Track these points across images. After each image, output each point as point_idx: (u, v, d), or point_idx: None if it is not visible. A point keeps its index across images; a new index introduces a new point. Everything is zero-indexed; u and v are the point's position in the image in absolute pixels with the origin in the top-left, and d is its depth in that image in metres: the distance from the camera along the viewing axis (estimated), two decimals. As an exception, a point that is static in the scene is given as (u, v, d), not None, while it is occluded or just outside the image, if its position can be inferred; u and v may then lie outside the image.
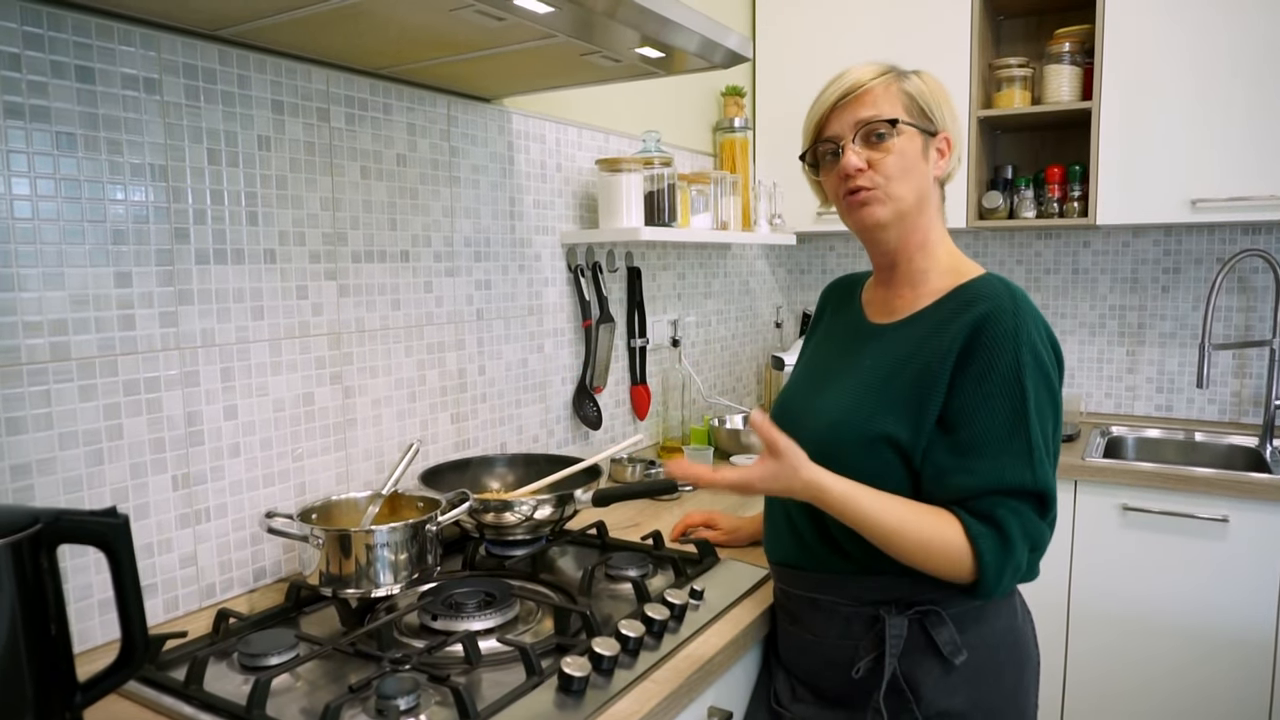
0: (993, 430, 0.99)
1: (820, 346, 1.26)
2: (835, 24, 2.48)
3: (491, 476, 1.59)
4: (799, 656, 1.16)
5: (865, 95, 1.07)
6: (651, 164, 1.84)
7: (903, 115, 1.07)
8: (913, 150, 1.08)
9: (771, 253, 2.88)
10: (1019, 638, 1.11)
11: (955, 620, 1.05)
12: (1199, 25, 2.07)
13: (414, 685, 0.93)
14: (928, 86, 1.11)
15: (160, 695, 0.97)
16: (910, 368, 1.05)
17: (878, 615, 1.06)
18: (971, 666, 1.05)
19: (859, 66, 1.10)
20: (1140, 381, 2.55)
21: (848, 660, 1.08)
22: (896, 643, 1.04)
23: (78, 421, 1.07)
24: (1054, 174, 2.39)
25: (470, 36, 1.19)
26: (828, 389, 1.14)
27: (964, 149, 1.14)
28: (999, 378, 0.99)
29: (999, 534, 0.98)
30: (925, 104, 1.09)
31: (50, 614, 0.78)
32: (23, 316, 1.02)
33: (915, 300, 1.12)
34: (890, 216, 1.09)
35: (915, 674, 1.05)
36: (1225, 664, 1.95)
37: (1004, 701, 1.08)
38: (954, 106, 1.13)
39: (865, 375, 1.09)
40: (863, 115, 1.07)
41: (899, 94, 1.08)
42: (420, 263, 1.54)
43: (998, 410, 0.99)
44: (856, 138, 1.08)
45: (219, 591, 1.25)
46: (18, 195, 1.01)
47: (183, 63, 1.16)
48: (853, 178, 1.08)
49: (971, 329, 1.01)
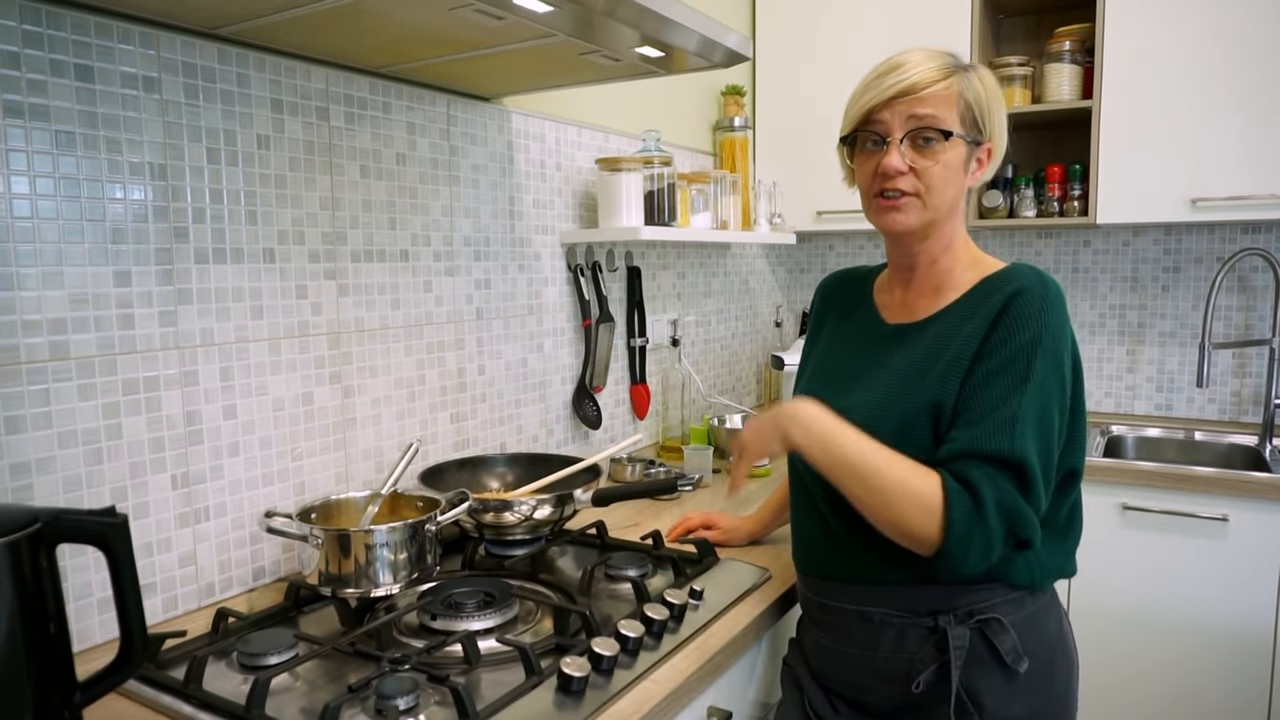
0: (988, 399, 0.97)
1: (833, 348, 1.21)
2: (835, 23, 2.48)
3: (491, 476, 1.59)
4: (840, 671, 1.11)
5: (929, 95, 1.02)
6: (651, 163, 1.84)
7: (957, 126, 1.03)
8: (957, 162, 1.05)
9: (771, 252, 2.88)
10: (1066, 643, 1.09)
11: (1017, 624, 1.02)
12: (1199, 24, 2.07)
13: (413, 685, 0.93)
14: (985, 91, 1.05)
15: (159, 694, 0.97)
16: (944, 358, 1.02)
17: (936, 625, 1.02)
18: (1029, 673, 1.02)
19: (922, 58, 1.04)
20: (1140, 381, 2.55)
21: (903, 674, 1.04)
22: (960, 653, 1.00)
23: (77, 421, 1.07)
24: (1054, 173, 2.39)
25: (470, 35, 1.19)
26: (853, 392, 1.10)
27: (1001, 156, 1.11)
28: (1011, 351, 0.98)
29: (972, 496, 0.95)
30: (980, 112, 1.05)
31: (50, 613, 0.78)
32: (22, 315, 1.01)
33: (939, 299, 1.10)
34: (919, 225, 1.06)
35: (976, 685, 1.01)
36: (1225, 663, 1.95)
37: (1059, 705, 1.06)
38: (1004, 111, 1.09)
39: (895, 375, 1.06)
40: (919, 113, 1.02)
41: (958, 100, 1.03)
42: (420, 262, 1.53)
43: (1000, 380, 0.98)
44: (905, 137, 1.03)
45: (218, 591, 1.25)
46: (17, 194, 1.00)
47: (182, 61, 1.15)
48: (892, 179, 1.04)
49: (1002, 305, 1.00)
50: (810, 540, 1.15)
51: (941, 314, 1.08)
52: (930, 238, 1.09)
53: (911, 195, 1.05)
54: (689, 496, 1.77)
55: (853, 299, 1.23)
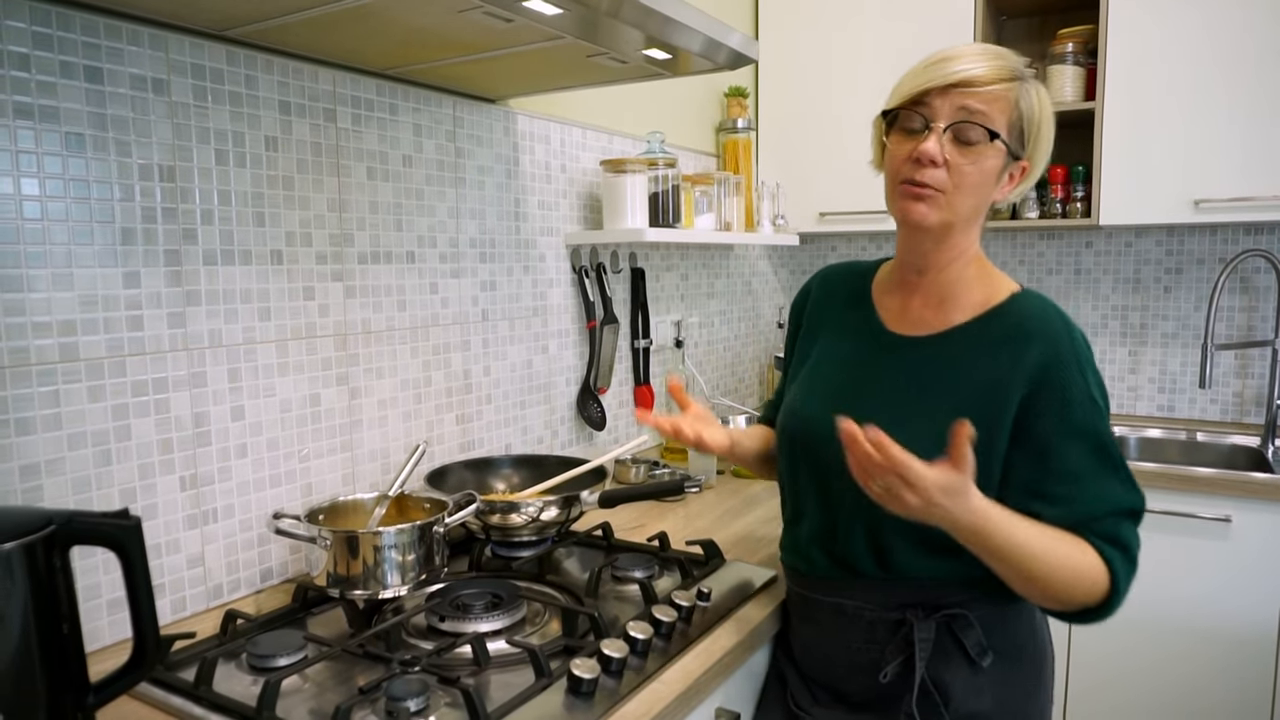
0: (1089, 456, 0.99)
1: (830, 350, 1.17)
2: (837, 25, 2.48)
3: (497, 478, 1.59)
4: (819, 661, 1.15)
5: (988, 93, 0.99)
6: (655, 165, 1.84)
7: (1004, 132, 1.00)
8: (993, 169, 1.02)
9: (774, 253, 2.88)
10: (1039, 638, 1.11)
11: (981, 622, 1.04)
12: (1202, 25, 2.07)
13: (423, 687, 0.93)
14: (1039, 107, 1.03)
15: (169, 696, 0.97)
16: (961, 393, 1.01)
17: (904, 619, 1.05)
18: (997, 667, 1.05)
19: (987, 54, 1.00)
20: (1142, 382, 2.55)
21: (873, 665, 1.07)
22: (925, 647, 1.03)
23: (86, 422, 1.07)
24: (1057, 174, 2.39)
25: (478, 38, 1.19)
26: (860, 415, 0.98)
27: (1035, 179, 1.08)
28: (1080, 409, 0.99)
29: (1126, 554, 0.99)
30: (1028, 126, 1.02)
31: (63, 615, 0.78)
32: (31, 317, 1.02)
33: (946, 315, 1.08)
34: (938, 224, 1.02)
35: (943, 677, 1.04)
36: (1228, 664, 1.95)
37: (1027, 700, 1.08)
38: (1051, 135, 1.05)
39: (907, 402, 1.04)
40: (972, 106, 0.98)
41: (1013, 107, 1.00)
42: (426, 264, 1.54)
43: (1088, 437, 0.99)
44: (950, 128, 0.99)
45: (226, 592, 1.25)
46: (26, 195, 1.01)
47: (190, 63, 1.16)
48: (923, 167, 1.00)
49: (1041, 366, 0.99)
50: (795, 534, 1.17)
51: (951, 335, 1.06)
52: (945, 241, 1.06)
53: (938, 191, 1.00)
54: (694, 498, 1.78)
55: (853, 297, 1.18)
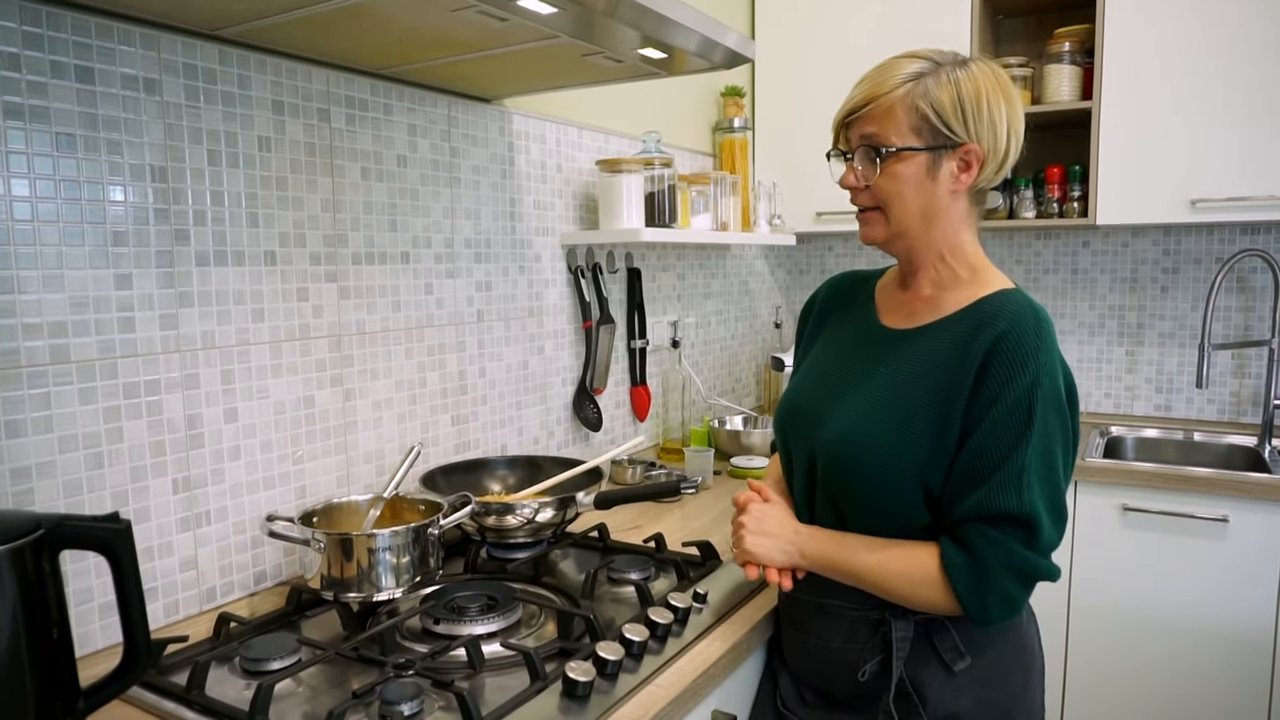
0: (992, 454, 0.96)
1: (828, 348, 1.20)
2: (834, 24, 2.48)
3: (492, 479, 1.59)
4: (805, 660, 1.15)
5: (874, 111, 1.03)
6: (652, 165, 1.84)
7: (907, 138, 1.02)
8: (911, 173, 1.03)
9: (771, 253, 2.87)
10: (1024, 640, 1.11)
11: (961, 625, 1.04)
12: (1199, 25, 2.07)
13: (417, 690, 0.93)
14: (965, 91, 1.01)
15: (161, 700, 0.96)
16: (924, 383, 1.02)
17: (883, 619, 1.06)
18: (978, 669, 1.05)
19: (874, 74, 1.04)
20: (1139, 381, 2.55)
21: (854, 664, 1.07)
22: (903, 646, 1.04)
23: (78, 424, 1.06)
24: (1054, 174, 2.39)
25: (472, 37, 1.18)
26: (841, 397, 1.10)
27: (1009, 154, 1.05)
28: (1010, 400, 0.96)
29: (973, 563, 0.96)
30: (947, 116, 1.01)
31: (53, 620, 0.78)
32: (22, 319, 1.01)
33: (936, 308, 1.08)
34: (886, 237, 1.08)
35: (921, 678, 1.05)
36: (1225, 663, 1.95)
37: (1011, 702, 1.08)
38: (1004, 108, 1.03)
39: (880, 387, 1.06)
40: (865, 131, 1.04)
41: (911, 111, 1.01)
42: (421, 264, 1.53)
43: (1002, 434, 0.96)
44: (856, 154, 1.06)
45: (219, 595, 1.24)
46: (17, 196, 1.00)
47: (182, 63, 1.15)
48: (853, 195, 1.09)
49: (990, 345, 0.98)
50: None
51: (932, 329, 1.07)
52: (914, 248, 1.08)
53: (873, 209, 1.08)
54: (690, 498, 1.77)
55: (853, 299, 1.22)
